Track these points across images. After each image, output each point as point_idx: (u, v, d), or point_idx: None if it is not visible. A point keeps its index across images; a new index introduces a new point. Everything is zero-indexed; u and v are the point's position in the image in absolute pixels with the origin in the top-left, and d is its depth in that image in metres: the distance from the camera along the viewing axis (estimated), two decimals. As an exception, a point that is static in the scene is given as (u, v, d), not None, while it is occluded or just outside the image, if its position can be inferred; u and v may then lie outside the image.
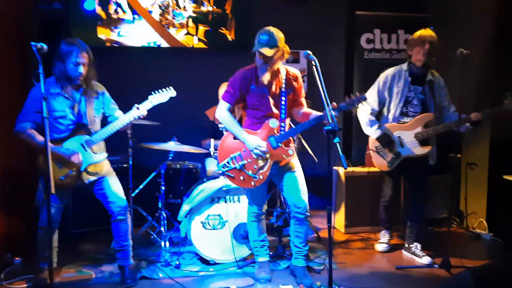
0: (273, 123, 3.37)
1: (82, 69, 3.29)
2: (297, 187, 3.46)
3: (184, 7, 5.35)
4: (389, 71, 4.07)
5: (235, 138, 3.45)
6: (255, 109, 3.43)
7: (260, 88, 3.38)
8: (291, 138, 3.47)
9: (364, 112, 4.09)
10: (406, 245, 4.22)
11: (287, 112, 3.45)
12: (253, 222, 3.65)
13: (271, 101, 3.40)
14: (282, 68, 3.41)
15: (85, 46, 3.33)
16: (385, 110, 4.09)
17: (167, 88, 3.54)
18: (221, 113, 3.44)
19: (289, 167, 3.48)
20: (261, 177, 3.40)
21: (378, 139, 4.05)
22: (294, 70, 3.52)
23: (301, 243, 3.57)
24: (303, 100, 3.59)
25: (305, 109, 3.57)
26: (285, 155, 3.41)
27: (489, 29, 4.73)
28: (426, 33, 3.90)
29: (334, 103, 3.16)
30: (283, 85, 3.41)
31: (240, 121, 3.56)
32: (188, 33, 5.36)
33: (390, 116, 4.04)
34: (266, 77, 3.32)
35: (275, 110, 3.41)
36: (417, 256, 4.07)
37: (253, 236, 3.69)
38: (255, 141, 3.35)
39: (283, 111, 3.42)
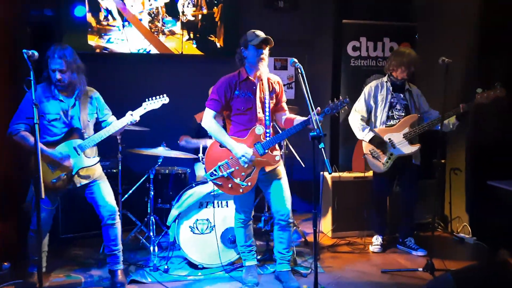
0: (259, 129, 3.41)
1: (58, 75, 3.30)
2: (282, 194, 3.51)
3: (183, 12, 5.40)
4: (372, 83, 4.44)
5: (221, 146, 3.47)
6: (241, 114, 3.46)
7: (245, 93, 3.44)
8: (276, 144, 3.52)
9: (355, 119, 4.39)
10: (401, 240, 4.52)
11: (270, 118, 3.52)
12: (240, 228, 3.68)
13: (257, 105, 3.45)
14: (264, 74, 3.48)
15: (61, 52, 3.29)
16: (372, 117, 4.39)
17: (161, 96, 3.61)
18: (207, 121, 3.47)
19: (275, 173, 3.52)
20: (249, 183, 3.43)
21: (371, 141, 4.27)
22: (275, 76, 3.62)
23: (284, 249, 3.61)
24: (285, 105, 3.67)
25: (288, 114, 3.64)
26: (272, 161, 3.45)
27: (471, 38, 4.83)
28: (413, 57, 4.25)
29: (319, 108, 3.26)
30: (267, 90, 3.48)
31: (224, 129, 3.60)
32: (177, 40, 5.41)
33: (378, 121, 4.36)
34: (258, 72, 3.42)
35: (260, 115, 3.46)
36: (412, 249, 4.39)
37: (240, 241, 3.72)
38: (242, 148, 3.38)
39: (268, 117, 3.47)
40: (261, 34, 3.39)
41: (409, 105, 4.33)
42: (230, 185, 3.45)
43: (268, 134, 3.46)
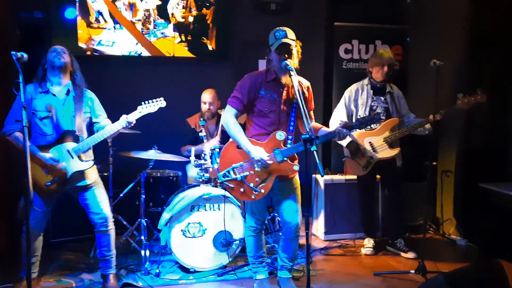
0: (280, 135, 3.24)
1: (61, 53, 3.36)
2: (295, 206, 3.40)
3: (173, 14, 5.37)
4: (352, 87, 4.44)
5: (238, 147, 3.29)
6: (263, 117, 3.29)
7: (270, 94, 3.27)
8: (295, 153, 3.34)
9: (335, 124, 4.28)
10: (390, 241, 4.50)
11: (295, 124, 3.35)
12: (250, 237, 3.53)
13: (281, 108, 3.29)
14: (294, 76, 3.20)
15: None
16: (353, 120, 4.34)
17: (157, 99, 3.57)
18: (227, 119, 3.28)
19: (292, 183, 3.40)
20: (262, 190, 3.26)
21: (348, 146, 4.29)
22: (305, 81, 3.41)
23: (286, 258, 3.56)
24: (312, 113, 3.46)
25: (314, 123, 3.41)
26: (289, 171, 3.28)
27: (462, 40, 4.86)
28: (385, 56, 4.28)
29: (346, 120, 3.16)
30: (296, 94, 3.07)
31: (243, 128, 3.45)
32: (168, 42, 5.39)
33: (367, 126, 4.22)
34: (287, 78, 3.20)
35: (283, 119, 3.31)
36: (402, 251, 4.37)
37: (250, 251, 3.57)
38: (259, 153, 3.19)
39: (292, 123, 3.31)
40: (281, 35, 3.19)
41: (390, 108, 4.31)
42: (242, 190, 3.28)
43: (289, 141, 3.29)
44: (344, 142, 4.28)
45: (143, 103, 3.54)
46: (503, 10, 4.43)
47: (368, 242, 4.52)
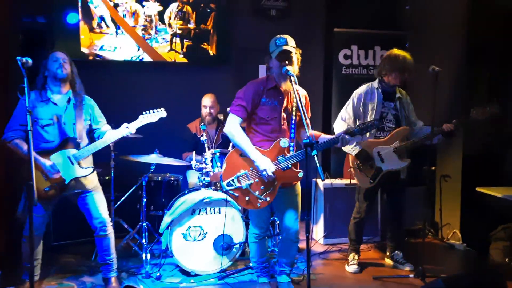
0: (284, 142, 3.22)
1: (61, 61, 3.39)
2: (296, 212, 3.41)
3: (170, 24, 5.42)
4: (362, 89, 4.11)
5: (242, 155, 3.27)
6: (264, 124, 3.28)
7: (271, 101, 3.27)
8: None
9: (339, 126, 4.07)
10: (388, 253, 4.35)
11: (295, 131, 3.36)
12: (254, 243, 3.54)
13: (282, 116, 3.30)
14: (295, 83, 3.18)
15: (61, 52, 3.49)
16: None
17: (158, 109, 3.62)
18: (232, 127, 3.23)
19: (293, 189, 3.41)
20: (267, 198, 3.23)
21: (357, 155, 3.99)
22: (302, 89, 3.40)
23: (285, 263, 3.58)
24: (308, 121, 3.36)
25: (312, 131, 3.31)
26: (294, 178, 3.28)
27: (460, 46, 4.90)
28: (408, 62, 3.91)
29: (348, 127, 3.13)
30: (295, 102, 3.16)
31: None
32: (171, 48, 5.43)
33: (367, 132, 3.96)
34: (287, 84, 3.19)
35: (284, 126, 3.32)
36: (400, 264, 4.21)
37: (253, 256, 3.61)
38: (265, 162, 3.15)
39: (293, 130, 3.32)
40: (282, 42, 3.21)
41: (399, 115, 4.03)
42: (247, 198, 3.24)
43: (292, 148, 3.29)
44: (353, 151, 3.99)
45: (144, 112, 3.59)
46: (501, 16, 4.48)
47: (353, 259, 4.23)
